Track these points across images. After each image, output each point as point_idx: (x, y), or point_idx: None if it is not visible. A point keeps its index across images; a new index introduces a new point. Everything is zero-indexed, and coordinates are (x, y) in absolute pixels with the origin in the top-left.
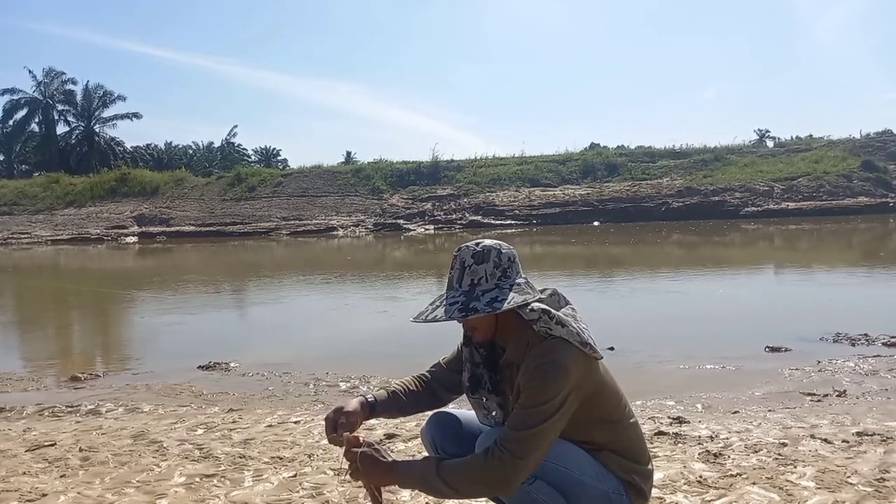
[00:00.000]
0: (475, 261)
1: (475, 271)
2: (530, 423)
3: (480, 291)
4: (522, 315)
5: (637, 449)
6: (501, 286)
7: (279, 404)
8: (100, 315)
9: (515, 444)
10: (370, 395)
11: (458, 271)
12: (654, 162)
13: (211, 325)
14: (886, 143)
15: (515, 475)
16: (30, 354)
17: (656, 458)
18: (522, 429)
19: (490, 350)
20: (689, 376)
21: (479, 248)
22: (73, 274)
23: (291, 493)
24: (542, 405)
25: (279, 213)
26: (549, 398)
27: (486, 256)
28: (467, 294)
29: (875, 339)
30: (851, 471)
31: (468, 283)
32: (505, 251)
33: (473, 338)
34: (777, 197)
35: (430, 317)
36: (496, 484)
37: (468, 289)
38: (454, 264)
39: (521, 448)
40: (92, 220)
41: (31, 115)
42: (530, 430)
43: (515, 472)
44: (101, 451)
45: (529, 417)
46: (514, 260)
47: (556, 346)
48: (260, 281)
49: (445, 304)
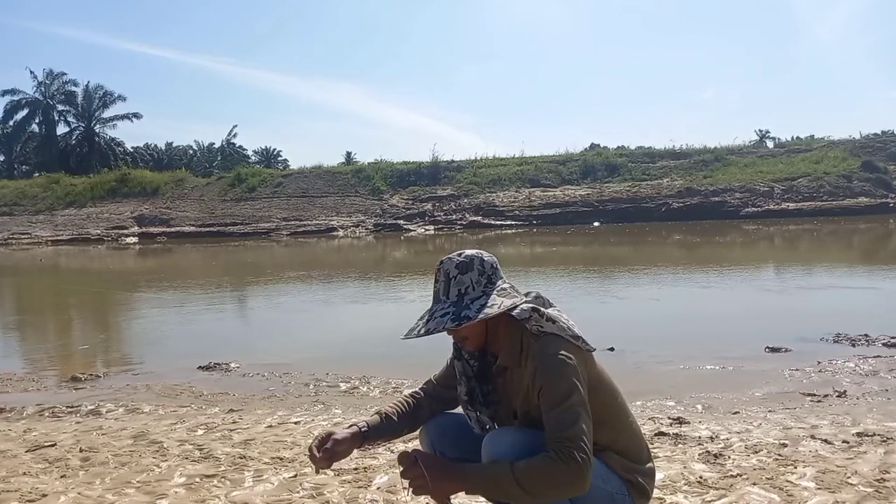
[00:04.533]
0: (459, 271)
1: (461, 281)
2: (570, 419)
3: (469, 300)
4: (513, 316)
5: (637, 448)
6: (488, 293)
7: (279, 405)
8: (100, 315)
9: (572, 441)
10: (363, 423)
11: (444, 283)
12: (653, 162)
13: (211, 326)
14: (886, 144)
15: (588, 470)
16: (30, 355)
17: (656, 459)
18: (568, 427)
19: (481, 360)
20: (689, 376)
21: (462, 259)
22: (73, 274)
23: (292, 494)
24: (568, 398)
25: (279, 213)
26: (571, 389)
27: (469, 266)
28: (456, 304)
29: (875, 340)
30: (851, 471)
31: (455, 293)
32: (487, 258)
33: (464, 348)
34: (777, 197)
35: (422, 331)
36: (576, 483)
37: (456, 299)
38: (438, 277)
39: (580, 443)
40: (92, 220)
41: (31, 115)
42: (575, 425)
43: (588, 466)
44: (102, 452)
45: (566, 414)
46: (497, 266)
47: (550, 341)
48: (260, 281)
49: (436, 316)
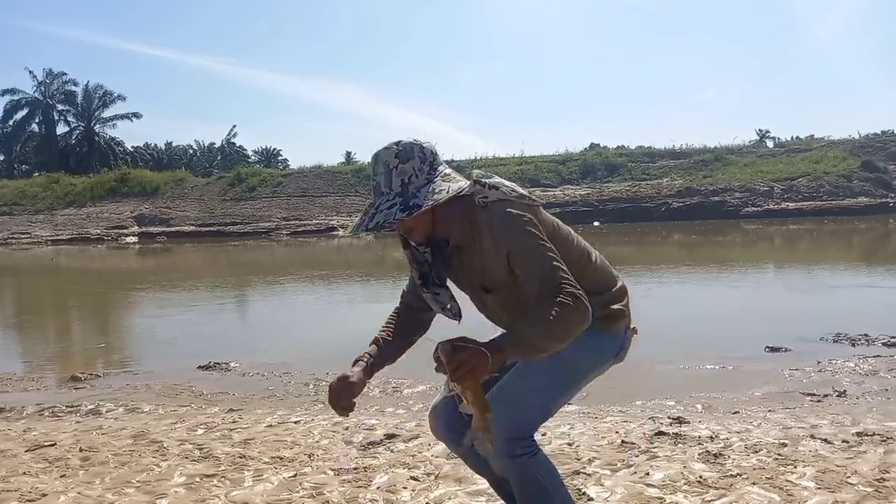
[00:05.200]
0: (399, 160)
1: (403, 171)
2: (549, 266)
3: (414, 189)
4: (458, 196)
5: (605, 278)
6: (433, 179)
7: (279, 404)
8: (100, 315)
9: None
10: (366, 356)
11: (385, 175)
12: (653, 162)
13: (211, 325)
14: (886, 144)
15: (587, 301)
16: (30, 354)
17: (656, 458)
18: (552, 275)
19: (432, 245)
20: (689, 376)
21: (401, 148)
22: (73, 274)
23: (291, 493)
24: (538, 250)
25: (279, 213)
26: (536, 241)
27: (410, 153)
28: (402, 194)
29: (875, 340)
30: (851, 471)
31: (399, 183)
32: (426, 145)
33: (412, 239)
34: (777, 197)
35: (370, 224)
36: (584, 318)
37: (400, 189)
38: (377, 170)
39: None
40: (92, 220)
41: (31, 115)
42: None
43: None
44: (102, 451)
45: (543, 265)
46: (436, 153)
47: (499, 207)
48: (260, 281)
49: (382, 209)
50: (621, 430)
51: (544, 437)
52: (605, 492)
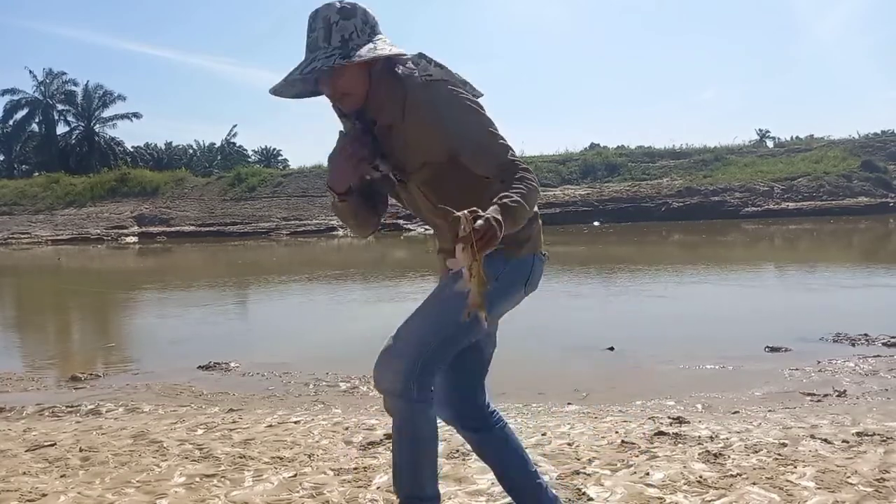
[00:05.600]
0: (342, 16)
1: (344, 27)
2: (497, 143)
3: (355, 45)
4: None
5: None
6: (374, 41)
7: (279, 404)
8: (100, 315)
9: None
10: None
11: (324, 30)
12: (653, 162)
13: (211, 325)
14: (886, 143)
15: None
16: (30, 354)
17: (656, 458)
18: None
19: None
20: (689, 376)
21: (344, 4)
22: (73, 274)
23: (291, 493)
24: (486, 128)
25: (279, 213)
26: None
27: (353, 12)
28: (342, 49)
29: (875, 339)
30: (851, 471)
31: (338, 39)
32: (370, 11)
33: (343, 106)
34: (777, 197)
35: (306, 70)
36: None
37: (340, 44)
38: (315, 25)
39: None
40: (92, 220)
41: (31, 115)
42: (507, 149)
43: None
44: (102, 451)
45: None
46: (378, 23)
47: (441, 86)
48: (260, 281)
49: (320, 58)
50: (621, 430)
51: (544, 437)
52: (605, 492)
